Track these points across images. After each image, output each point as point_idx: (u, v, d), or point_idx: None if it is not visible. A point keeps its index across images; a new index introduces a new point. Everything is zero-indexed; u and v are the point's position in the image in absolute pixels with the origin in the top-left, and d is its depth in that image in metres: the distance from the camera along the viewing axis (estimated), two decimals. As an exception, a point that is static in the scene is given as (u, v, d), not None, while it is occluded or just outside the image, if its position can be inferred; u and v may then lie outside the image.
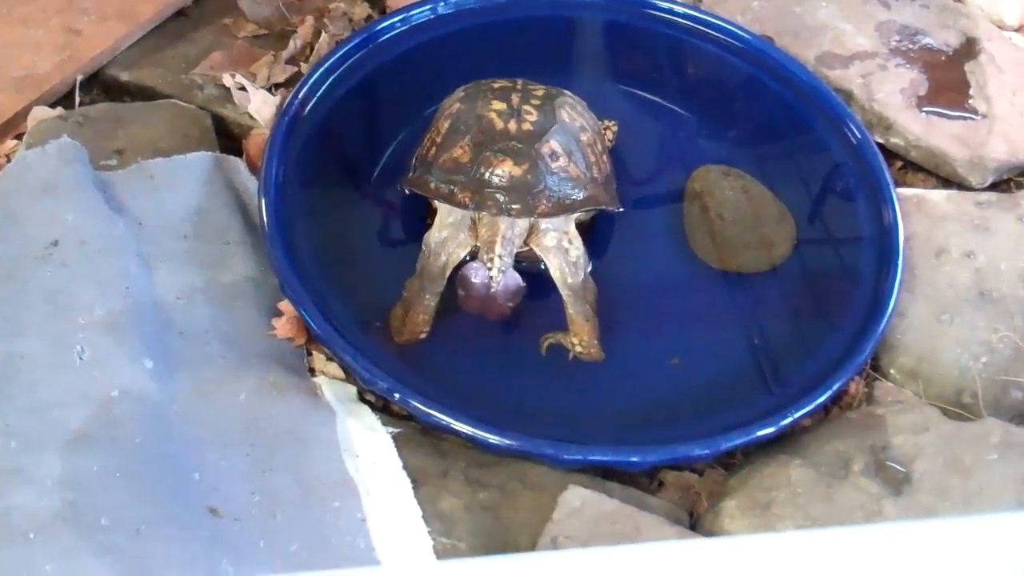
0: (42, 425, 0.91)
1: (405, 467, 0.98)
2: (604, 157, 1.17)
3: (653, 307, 1.16)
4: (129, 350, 0.97)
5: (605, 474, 1.01)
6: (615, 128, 1.26)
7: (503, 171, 1.08)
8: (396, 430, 1.01)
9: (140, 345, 0.98)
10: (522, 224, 1.09)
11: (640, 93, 1.35)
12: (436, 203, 1.12)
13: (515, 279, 1.08)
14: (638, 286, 1.17)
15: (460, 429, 0.98)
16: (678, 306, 1.16)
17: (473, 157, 1.10)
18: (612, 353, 1.09)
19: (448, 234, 1.10)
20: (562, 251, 1.10)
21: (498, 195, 1.08)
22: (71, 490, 0.87)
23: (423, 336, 1.08)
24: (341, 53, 1.24)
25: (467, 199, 1.08)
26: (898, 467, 1.00)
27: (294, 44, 1.31)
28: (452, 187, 1.09)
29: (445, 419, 0.98)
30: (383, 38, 1.28)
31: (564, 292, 1.09)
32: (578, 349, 1.09)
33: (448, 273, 1.09)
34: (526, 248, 1.10)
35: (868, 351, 1.08)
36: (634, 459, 0.99)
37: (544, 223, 1.10)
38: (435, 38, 1.30)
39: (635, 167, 1.27)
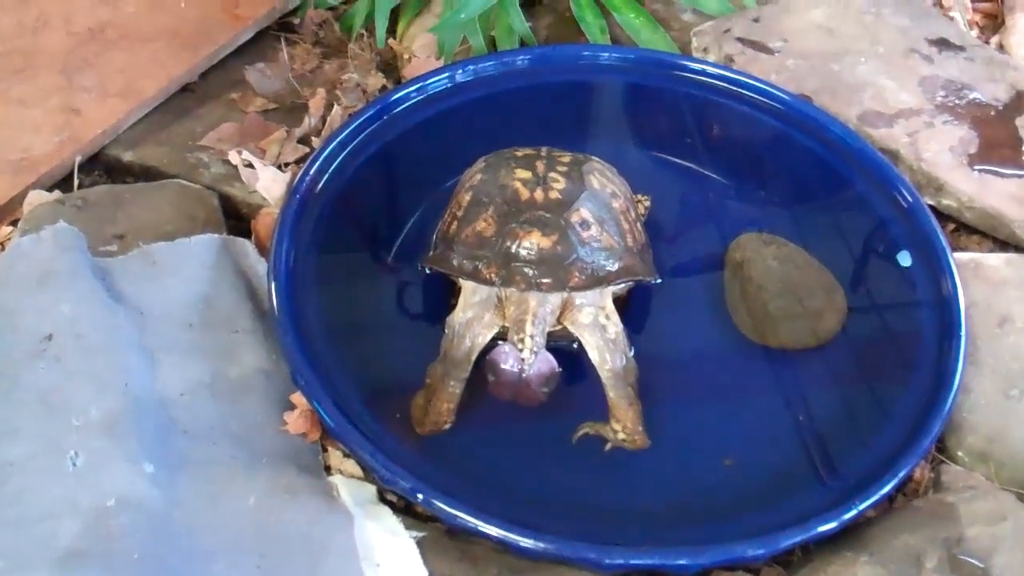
0: (30, 540, 0.84)
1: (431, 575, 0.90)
2: (638, 225, 1.10)
3: (696, 389, 1.08)
4: (127, 453, 0.90)
5: (651, 577, 0.93)
6: (648, 203, 1.18)
7: (531, 243, 1.01)
8: (420, 534, 0.92)
9: (139, 448, 0.91)
10: (554, 300, 1.01)
11: (672, 159, 1.27)
12: (460, 282, 1.04)
13: (549, 362, 1.00)
14: (679, 365, 1.09)
15: (490, 532, 0.89)
16: (723, 387, 1.08)
17: (498, 230, 1.02)
18: (656, 441, 1.01)
19: (473, 315, 1.02)
20: (599, 328, 1.02)
21: (527, 269, 1.00)
22: (61, 615, 0.79)
23: (447, 427, 1.00)
24: (355, 125, 1.17)
25: (493, 275, 1.01)
26: (975, 562, 0.91)
27: (308, 122, 1.25)
28: (476, 263, 1.02)
29: (474, 521, 0.90)
30: (398, 108, 1.21)
31: (603, 374, 1.01)
32: (621, 437, 1.00)
33: (474, 358, 1.01)
34: (559, 327, 1.02)
35: (935, 432, 1.00)
36: (683, 562, 0.90)
37: (578, 298, 1.02)
38: (453, 107, 1.23)
39: (670, 237, 1.20)
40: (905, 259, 1.14)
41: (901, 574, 0.91)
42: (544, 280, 1.00)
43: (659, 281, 1.09)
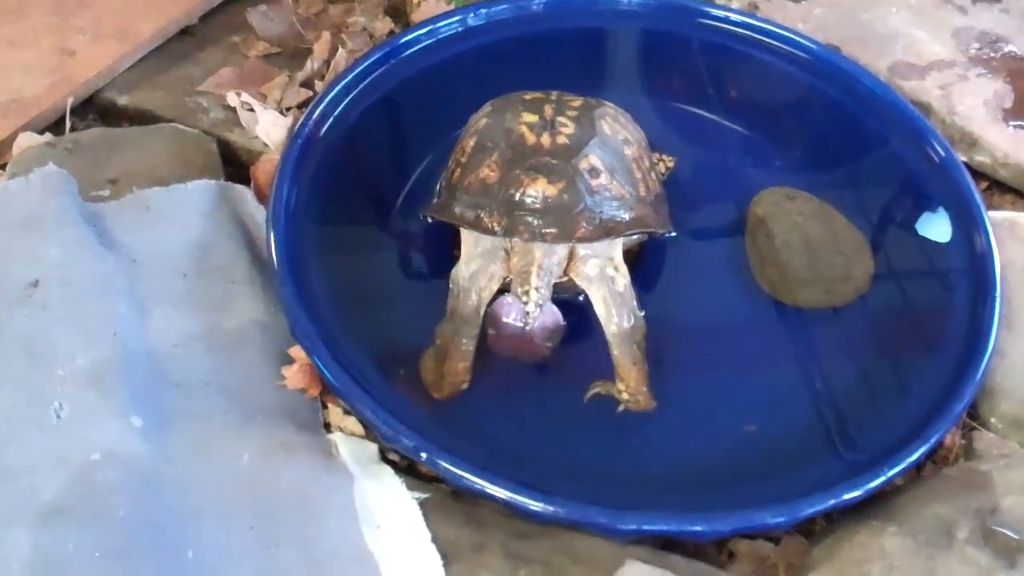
0: (10, 495, 0.79)
1: (434, 539, 0.84)
2: (652, 175, 1.04)
3: (717, 349, 1.02)
4: (114, 405, 0.85)
5: (666, 545, 0.87)
6: (671, 163, 1.13)
7: (536, 191, 0.95)
8: (423, 495, 0.88)
9: (128, 400, 0.86)
10: (560, 251, 0.96)
11: (694, 111, 1.21)
12: (463, 232, 0.99)
13: (554, 315, 0.94)
14: (699, 324, 1.04)
15: (497, 494, 0.84)
16: (745, 348, 1.02)
17: (502, 176, 0.97)
18: (672, 404, 0.96)
19: (478, 267, 0.97)
20: (607, 280, 0.97)
21: (531, 218, 0.95)
22: (40, 572, 0.75)
23: (465, 387, 0.95)
24: (361, 69, 1.12)
25: (495, 224, 0.95)
26: (1010, 534, 0.86)
27: (311, 65, 1.19)
28: (479, 212, 0.96)
29: (480, 483, 0.84)
30: (407, 53, 1.15)
31: (609, 329, 0.96)
32: (625, 396, 0.95)
33: (483, 312, 0.96)
34: (564, 278, 0.97)
35: (967, 397, 0.94)
36: (699, 528, 0.85)
37: (585, 249, 0.97)
38: (465, 52, 1.17)
39: (690, 191, 1.14)
40: (943, 234, 1.08)
41: (931, 545, 0.85)
42: (549, 230, 0.95)
43: (674, 234, 1.04)
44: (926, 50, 1.26)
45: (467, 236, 0.98)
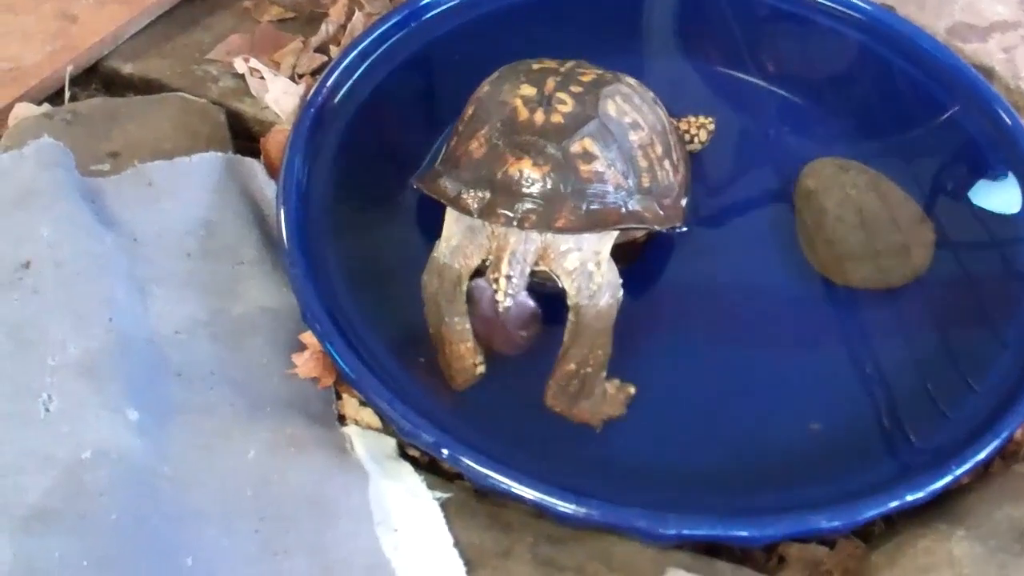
0: (-8, 497, 0.73)
1: (457, 544, 0.78)
2: (666, 163, 0.95)
3: (766, 335, 0.94)
4: (108, 398, 0.78)
5: (710, 550, 0.80)
6: (711, 126, 1.04)
7: (517, 172, 0.88)
8: (445, 495, 0.81)
9: (123, 391, 0.79)
10: (538, 239, 0.88)
11: (739, 75, 1.13)
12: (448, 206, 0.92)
13: (528, 304, 0.88)
14: (742, 305, 0.96)
15: (526, 495, 0.77)
16: (796, 334, 0.95)
17: (487, 152, 0.90)
18: (715, 396, 0.89)
19: (458, 242, 0.90)
20: (585, 274, 0.89)
21: (510, 201, 0.88)
22: (24, 583, 0.68)
23: (481, 370, 0.88)
24: (380, 32, 1.05)
25: (472, 203, 0.88)
26: (1090, 539, 0.78)
27: (326, 29, 1.13)
28: (461, 188, 0.89)
29: (507, 482, 0.77)
30: (429, 15, 1.09)
31: (571, 318, 0.88)
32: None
33: (464, 287, 0.89)
34: (541, 267, 0.90)
35: (1043, 387, 0.86)
36: (746, 533, 0.77)
37: (568, 241, 0.89)
38: (490, 13, 1.10)
39: (733, 162, 1.07)
40: (1010, 207, 1.00)
41: (1004, 550, 0.78)
42: (528, 216, 0.87)
43: (684, 229, 0.96)
44: (987, 10, 1.19)
45: (451, 210, 0.92)
